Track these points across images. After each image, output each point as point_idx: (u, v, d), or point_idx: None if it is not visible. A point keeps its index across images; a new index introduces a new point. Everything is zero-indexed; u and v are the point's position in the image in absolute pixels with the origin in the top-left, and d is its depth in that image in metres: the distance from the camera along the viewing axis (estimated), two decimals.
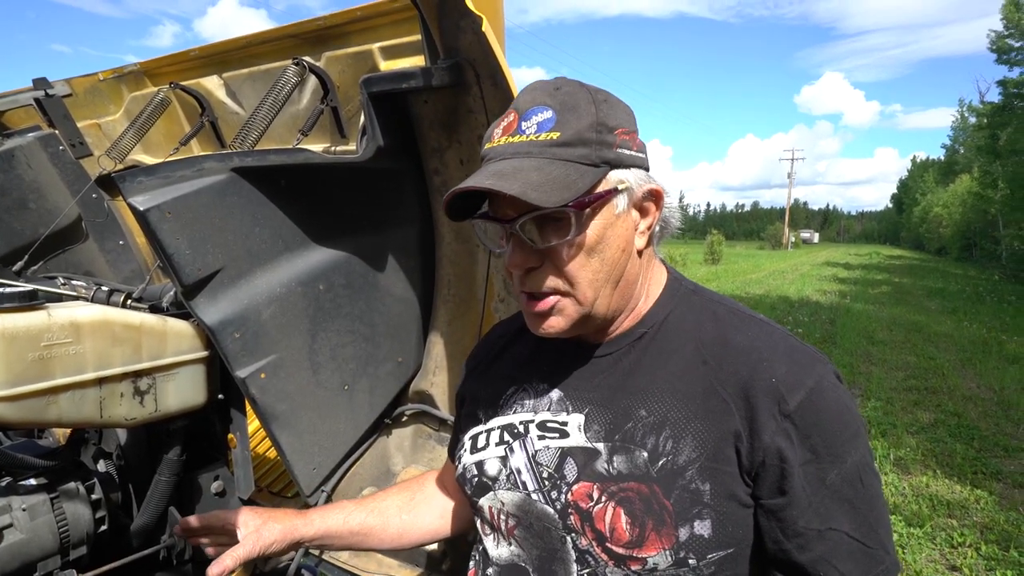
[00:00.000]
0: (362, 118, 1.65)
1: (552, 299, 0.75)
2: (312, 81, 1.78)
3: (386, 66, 1.64)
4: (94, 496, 1.25)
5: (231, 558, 0.91)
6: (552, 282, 0.74)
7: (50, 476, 1.19)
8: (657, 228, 0.80)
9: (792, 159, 63.98)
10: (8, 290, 1.02)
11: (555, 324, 0.76)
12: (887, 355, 7.88)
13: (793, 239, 60.43)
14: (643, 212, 0.77)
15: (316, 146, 1.85)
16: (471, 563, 0.92)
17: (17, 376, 1.00)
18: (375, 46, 1.66)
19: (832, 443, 0.70)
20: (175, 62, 2.17)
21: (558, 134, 0.70)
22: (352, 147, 1.79)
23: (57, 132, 2.11)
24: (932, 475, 4.18)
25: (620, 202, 0.73)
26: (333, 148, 1.86)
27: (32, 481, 1.17)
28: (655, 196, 0.77)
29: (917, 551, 3.25)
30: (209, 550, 1.04)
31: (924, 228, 49.08)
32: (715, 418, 0.72)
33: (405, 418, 1.63)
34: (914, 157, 68.31)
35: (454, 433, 1.05)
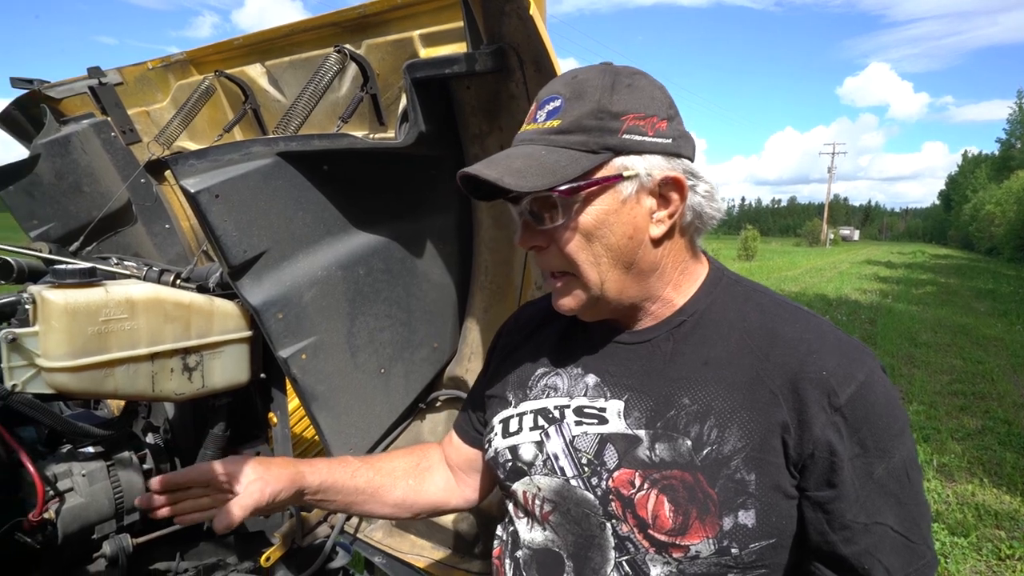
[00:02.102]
0: (401, 105, 1.66)
1: (563, 278, 0.79)
2: (352, 69, 1.81)
3: (426, 53, 1.65)
4: (146, 466, 1.31)
5: (239, 508, 0.86)
6: (556, 263, 0.78)
7: (106, 445, 1.25)
8: (689, 217, 0.77)
9: (833, 153, 61.90)
10: (70, 267, 1.07)
11: (567, 303, 0.80)
12: (931, 358, 7.58)
13: (832, 236, 58.65)
14: (664, 200, 0.76)
15: (355, 133, 1.87)
16: (495, 543, 0.93)
17: (78, 349, 1.05)
18: (415, 33, 1.67)
19: (881, 438, 0.70)
20: (220, 51, 2.23)
21: (559, 122, 0.73)
22: (390, 134, 1.81)
23: (109, 119, 2.19)
24: (979, 483, 4.01)
25: (626, 188, 0.73)
26: (371, 135, 1.88)
27: (90, 449, 1.23)
28: (675, 184, 0.74)
29: (961, 561, 3.14)
30: (190, 515, 0.93)
31: (974, 227, 46.86)
32: (762, 409, 0.72)
33: (439, 404, 1.65)
34: (965, 152, 65.12)
35: (465, 406, 1.06)
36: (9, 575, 1.15)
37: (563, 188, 0.71)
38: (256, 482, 0.89)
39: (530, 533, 0.84)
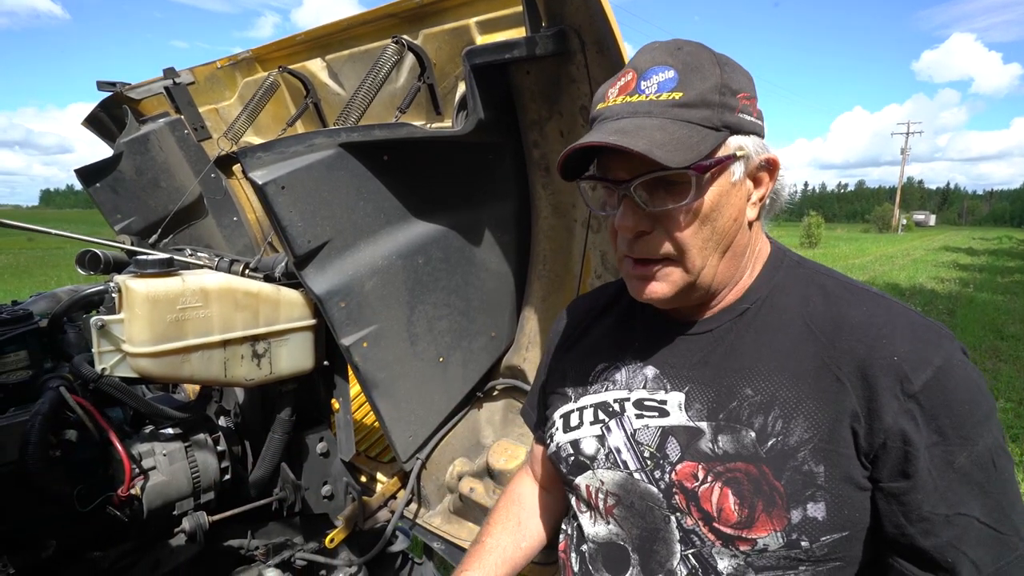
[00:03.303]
0: (458, 94, 1.65)
1: (659, 264, 0.74)
2: (409, 59, 1.81)
3: (482, 40, 1.63)
4: (219, 448, 1.37)
5: None
6: (662, 248, 0.73)
7: (184, 427, 1.32)
8: (768, 200, 0.77)
9: (907, 133, 57.77)
10: (150, 257, 1.12)
11: (660, 290, 0.75)
12: (1020, 351, 6.98)
13: (904, 221, 54.96)
14: (757, 182, 0.75)
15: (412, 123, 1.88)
16: (562, 536, 0.93)
17: (159, 335, 1.10)
18: (472, 21, 1.65)
19: (962, 425, 0.65)
20: (283, 47, 2.29)
21: (680, 94, 0.68)
22: (447, 124, 1.81)
23: (183, 117, 2.30)
24: None
25: (737, 170, 0.72)
26: (428, 125, 1.88)
27: (169, 430, 1.30)
28: (770, 166, 0.74)
29: None
30: None
31: None
32: (829, 398, 0.69)
33: (496, 392, 1.65)
34: None
35: (531, 407, 1.05)
36: (101, 546, 1.24)
37: (695, 166, 0.68)
38: None
39: (594, 527, 0.83)
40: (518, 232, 1.53)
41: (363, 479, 1.78)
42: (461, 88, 1.67)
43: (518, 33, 1.41)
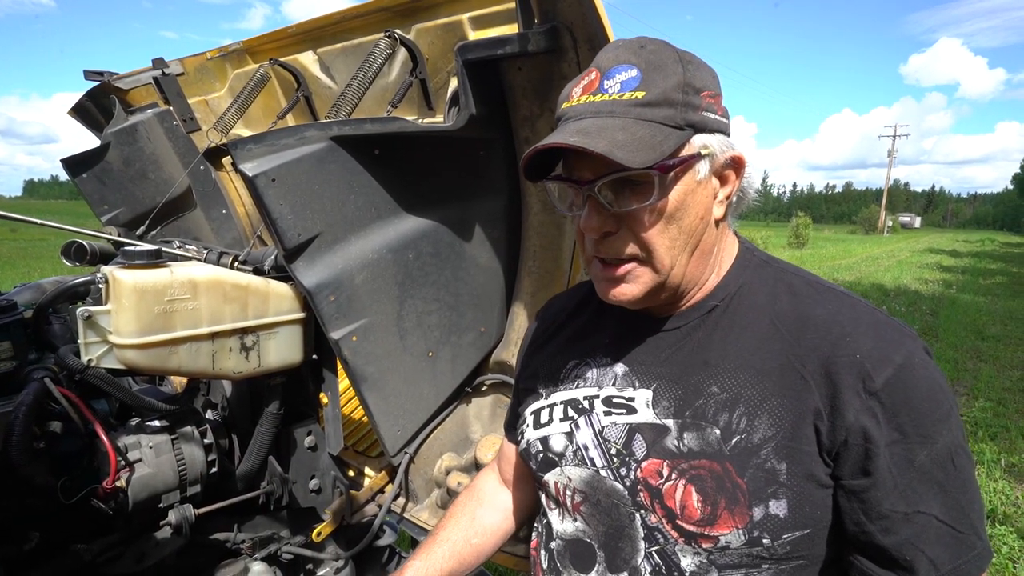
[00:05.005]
0: (450, 89, 1.65)
1: (628, 265, 0.74)
2: (401, 54, 1.81)
3: (475, 36, 1.63)
4: (206, 441, 1.37)
5: None
6: (629, 248, 0.73)
7: (170, 419, 1.31)
8: (734, 198, 0.77)
9: (894, 136, 58.44)
10: (138, 248, 1.11)
11: (628, 291, 0.75)
12: (1000, 352, 7.12)
13: (890, 223, 55.70)
14: (723, 180, 0.75)
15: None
16: (534, 534, 0.93)
17: (146, 327, 1.10)
18: (464, 16, 1.65)
19: (922, 423, 0.66)
20: (274, 39, 2.27)
21: (643, 93, 0.68)
22: (439, 119, 1.80)
23: (171, 108, 2.28)
24: None
25: (702, 168, 0.72)
26: (420, 120, 1.88)
27: (156, 423, 1.29)
28: (736, 163, 0.75)
29: None
30: None
31: None
32: (793, 395, 0.69)
33: (485, 387, 1.65)
34: None
35: (510, 409, 1.05)
36: (85, 538, 1.23)
37: (657, 166, 0.67)
38: None
39: (562, 524, 0.84)
40: (508, 228, 1.53)
41: (351, 473, 1.78)
42: (453, 83, 1.67)
43: (511, 29, 1.41)
